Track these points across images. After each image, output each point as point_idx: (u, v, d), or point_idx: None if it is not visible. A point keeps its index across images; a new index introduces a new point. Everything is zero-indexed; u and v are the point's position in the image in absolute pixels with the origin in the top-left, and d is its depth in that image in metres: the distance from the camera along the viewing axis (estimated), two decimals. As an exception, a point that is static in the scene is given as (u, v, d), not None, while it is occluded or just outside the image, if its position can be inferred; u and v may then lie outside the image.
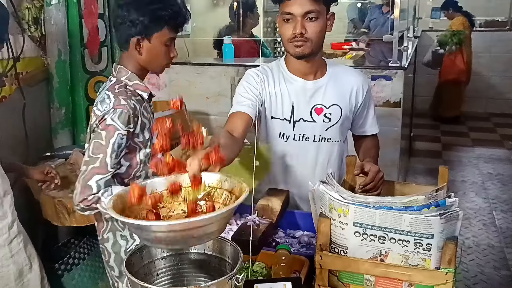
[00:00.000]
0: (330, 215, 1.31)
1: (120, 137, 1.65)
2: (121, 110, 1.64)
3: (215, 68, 3.29)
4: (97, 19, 2.98)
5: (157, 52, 1.72)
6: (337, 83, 1.86)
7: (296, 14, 1.69)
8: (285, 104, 1.85)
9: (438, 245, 1.20)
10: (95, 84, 3.03)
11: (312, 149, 1.88)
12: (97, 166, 1.63)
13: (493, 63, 7.84)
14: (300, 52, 1.74)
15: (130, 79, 1.75)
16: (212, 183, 1.27)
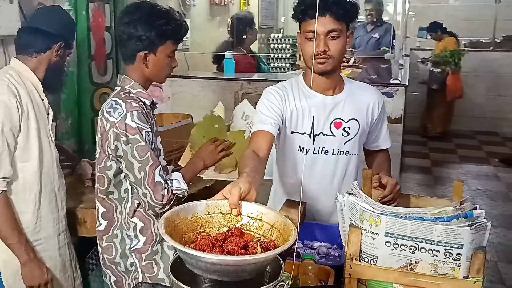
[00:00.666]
0: (361, 226, 1.35)
1: (147, 134, 1.78)
2: (137, 111, 1.76)
3: (218, 82, 3.33)
4: (104, 32, 3.02)
5: (162, 64, 1.86)
6: (355, 98, 1.92)
7: (319, 33, 1.75)
8: (305, 119, 1.90)
9: (468, 254, 1.25)
10: (100, 96, 3.05)
11: (330, 162, 1.93)
12: (151, 163, 1.76)
13: (477, 83, 8.06)
14: (323, 69, 1.80)
15: (133, 87, 1.85)
16: (251, 213, 1.30)
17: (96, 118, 2.98)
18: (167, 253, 1.96)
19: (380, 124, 2.01)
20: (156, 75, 1.89)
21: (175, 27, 1.82)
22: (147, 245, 1.92)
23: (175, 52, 1.89)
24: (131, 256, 1.93)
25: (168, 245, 1.94)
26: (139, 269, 1.93)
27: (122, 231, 1.93)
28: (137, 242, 1.92)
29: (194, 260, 1.08)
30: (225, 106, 3.31)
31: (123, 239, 1.93)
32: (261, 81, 3.27)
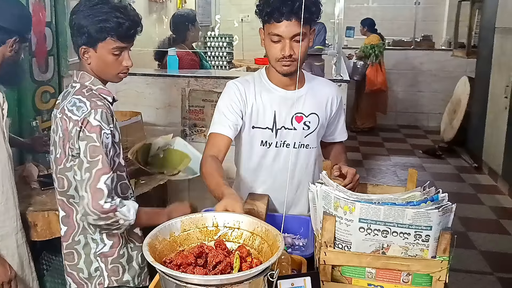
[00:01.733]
0: (335, 213, 1.42)
1: (106, 136, 1.71)
2: (101, 110, 1.70)
3: (164, 79, 3.30)
4: (44, 27, 2.89)
5: (105, 61, 1.76)
6: (315, 93, 1.99)
7: (284, 37, 1.78)
8: (267, 114, 1.94)
9: (435, 236, 1.35)
10: (42, 94, 2.92)
11: (292, 156, 1.99)
12: (100, 167, 1.67)
13: (400, 79, 8.55)
14: (287, 71, 1.85)
15: (94, 83, 1.80)
16: (228, 223, 1.32)
17: (38, 117, 2.88)
18: (131, 255, 1.93)
19: (338, 117, 2.10)
20: (101, 73, 1.80)
21: (117, 23, 1.71)
22: (114, 248, 1.88)
23: (124, 50, 1.77)
24: (96, 261, 1.87)
25: (131, 246, 1.93)
26: (105, 273, 1.88)
27: (87, 236, 1.85)
28: (103, 246, 1.86)
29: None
30: (172, 104, 3.31)
31: (87, 243, 1.86)
32: (208, 77, 3.28)
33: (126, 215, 1.70)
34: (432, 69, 8.39)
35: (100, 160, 1.67)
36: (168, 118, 3.32)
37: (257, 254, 1.23)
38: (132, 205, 1.74)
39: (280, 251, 1.12)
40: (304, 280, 1.29)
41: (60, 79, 3.12)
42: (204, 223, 1.29)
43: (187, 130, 3.34)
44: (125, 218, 1.71)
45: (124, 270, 1.91)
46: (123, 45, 1.75)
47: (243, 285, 1.06)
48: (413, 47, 8.58)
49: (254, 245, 1.25)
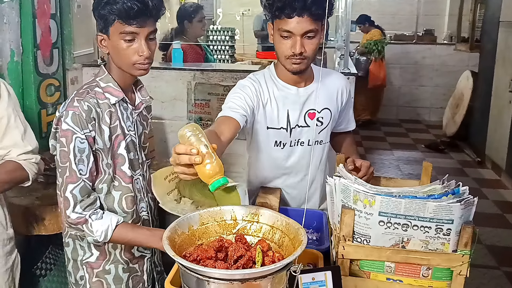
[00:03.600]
0: (354, 207, 1.39)
1: (80, 141, 1.57)
2: (73, 112, 1.56)
3: (170, 72, 3.26)
4: (49, 19, 2.85)
5: (118, 48, 1.60)
6: (325, 87, 1.94)
7: (295, 33, 1.71)
8: (280, 113, 1.89)
9: (457, 229, 1.33)
10: (47, 87, 2.89)
11: (306, 153, 1.94)
12: (68, 175, 1.57)
13: (402, 74, 8.53)
14: (297, 69, 1.79)
15: (104, 80, 1.68)
16: (246, 216, 1.29)
17: (43, 110, 2.85)
18: (120, 276, 1.77)
19: (347, 107, 2.07)
20: (117, 61, 1.64)
21: (123, 4, 1.54)
22: (99, 261, 1.74)
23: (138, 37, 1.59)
24: (82, 268, 1.76)
25: (123, 267, 1.77)
26: (88, 285, 1.76)
27: (75, 241, 1.74)
28: (90, 255, 1.74)
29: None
30: (178, 97, 3.28)
31: (75, 248, 1.75)
32: (214, 71, 3.24)
33: (93, 232, 1.58)
34: (433, 64, 8.37)
35: (68, 167, 1.56)
36: (173, 111, 3.29)
37: (277, 248, 1.21)
38: (111, 221, 1.60)
39: (304, 245, 1.09)
40: (325, 275, 1.26)
41: (64, 72, 3.09)
42: (222, 216, 1.27)
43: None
44: (91, 235, 1.59)
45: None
46: (132, 29, 1.57)
47: (267, 279, 1.03)
48: (415, 41, 8.54)
49: (274, 239, 1.23)
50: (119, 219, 1.64)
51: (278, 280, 1.07)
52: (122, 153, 1.69)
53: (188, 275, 1.04)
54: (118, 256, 1.76)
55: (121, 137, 1.68)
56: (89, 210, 1.59)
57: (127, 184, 1.71)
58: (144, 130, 1.82)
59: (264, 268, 1.04)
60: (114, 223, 1.61)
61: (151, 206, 1.85)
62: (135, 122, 1.75)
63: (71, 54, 3.11)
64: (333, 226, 1.53)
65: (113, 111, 1.66)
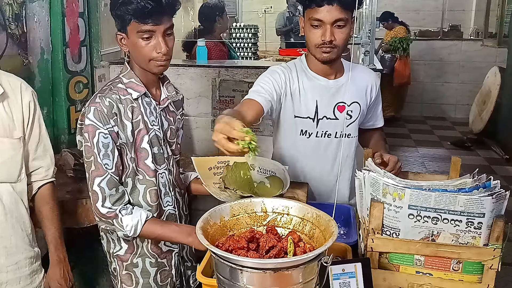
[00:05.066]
0: (384, 200, 1.39)
1: (103, 136, 1.60)
2: (94, 108, 1.59)
3: (195, 69, 3.29)
4: (77, 18, 2.91)
5: (136, 47, 1.63)
6: (355, 81, 1.95)
7: (326, 22, 1.74)
8: (309, 103, 1.90)
9: (488, 223, 1.32)
10: (75, 84, 2.95)
11: (333, 146, 1.95)
12: (93, 169, 1.61)
13: (427, 70, 8.41)
14: (328, 58, 1.81)
15: (127, 76, 1.70)
16: (277, 208, 1.30)
17: (72, 107, 2.91)
18: (148, 270, 1.80)
19: (376, 104, 2.07)
20: (136, 59, 1.68)
21: (138, 4, 1.56)
22: (128, 254, 1.78)
23: (155, 35, 1.61)
24: (114, 261, 1.81)
25: (151, 262, 1.79)
26: (119, 277, 1.81)
27: (106, 234, 1.80)
28: (120, 248, 1.78)
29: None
30: (202, 94, 3.30)
31: (108, 242, 1.80)
32: (239, 67, 3.26)
33: (123, 226, 1.62)
34: (459, 60, 8.24)
35: (93, 161, 1.60)
36: (198, 108, 3.31)
37: (308, 239, 1.21)
38: (140, 217, 1.64)
39: (335, 236, 1.10)
40: (355, 266, 1.27)
41: (92, 69, 3.15)
42: (253, 208, 1.28)
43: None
44: (121, 230, 1.63)
45: (137, 282, 1.80)
46: (149, 27, 1.59)
47: (298, 269, 1.04)
48: (440, 37, 8.42)
49: (304, 230, 1.24)
50: (149, 214, 1.67)
51: (309, 271, 1.07)
52: (146, 147, 1.70)
53: (221, 264, 1.06)
54: (145, 249, 1.78)
55: (144, 131, 1.69)
56: (119, 205, 1.63)
57: (150, 178, 1.72)
58: (171, 125, 1.81)
59: (296, 258, 1.04)
60: (143, 218, 1.64)
61: (178, 201, 1.86)
62: (160, 117, 1.75)
63: (99, 52, 3.16)
64: (362, 220, 1.53)
65: (135, 106, 1.68)
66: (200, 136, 3.35)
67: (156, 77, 1.76)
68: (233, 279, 1.05)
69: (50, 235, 1.81)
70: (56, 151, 2.85)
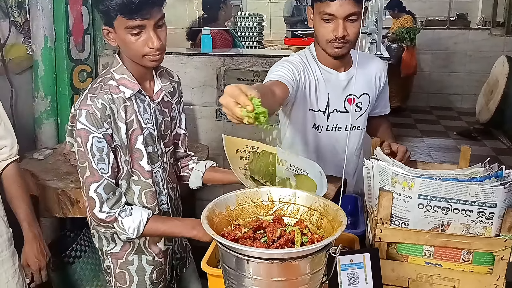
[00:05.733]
0: (393, 189, 1.36)
1: (97, 140, 1.50)
2: (86, 111, 1.48)
3: (200, 58, 3.25)
4: (81, 6, 2.87)
5: (125, 42, 1.50)
6: (363, 71, 1.91)
7: (338, 16, 1.69)
8: (321, 96, 1.86)
9: (500, 213, 1.29)
10: (79, 73, 2.92)
11: (343, 138, 1.92)
12: (88, 175, 1.52)
13: (434, 60, 8.33)
14: (339, 53, 1.77)
15: (118, 72, 1.58)
16: (283, 198, 1.27)
17: (76, 96, 2.89)
18: (144, 268, 1.75)
19: (384, 92, 2.03)
20: (128, 55, 1.56)
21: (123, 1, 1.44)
22: (123, 251, 1.73)
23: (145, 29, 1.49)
24: (107, 258, 1.75)
25: (147, 259, 1.75)
26: (113, 275, 1.75)
27: (98, 232, 1.73)
28: (114, 246, 1.73)
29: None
30: (207, 83, 3.27)
31: (100, 239, 1.74)
32: (244, 56, 3.22)
33: (125, 229, 1.55)
34: (466, 49, 8.15)
35: (88, 167, 1.51)
36: (203, 97, 3.28)
37: (315, 229, 1.19)
38: (141, 217, 1.57)
39: (344, 226, 1.07)
40: (363, 257, 1.24)
41: (96, 58, 3.12)
42: (259, 197, 1.25)
43: (222, 110, 3.30)
44: (122, 233, 1.56)
45: (131, 280, 1.75)
46: (137, 22, 1.46)
47: (306, 260, 1.02)
48: (447, 26, 8.33)
49: (312, 220, 1.21)
50: (149, 213, 1.61)
51: (317, 261, 1.05)
52: (140, 148, 1.63)
53: (227, 254, 1.03)
54: (142, 246, 1.73)
55: (138, 131, 1.61)
56: (117, 208, 1.55)
57: (146, 180, 1.66)
58: (165, 118, 1.72)
59: (303, 248, 1.02)
60: (145, 218, 1.58)
61: (171, 197, 1.80)
62: (154, 113, 1.65)
63: (103, 41, 3.13)
64: (370, 210, 1.50)
65: (128, 105, 1.58)
66: (205, 126, 3.32)
67: (147, 71, 1.64)
68: (239, 269, 1.03)
69: (22, 213, 1.79)
70: (60, 140, 2.86)
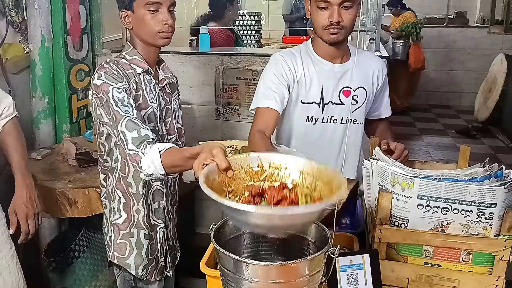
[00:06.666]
0: (392, 190, 1.36)
1: (117, 91, 1.62)
2: (104, 71, 1.65)
3: (198, 56, 3.24)
4: (78, 5, 2.86)
5: (143, 21, 1.70)
6: (361, 66, 1.92)
7: (333, 3, 1.73)
8: (314, 88, 1.88)
9: (500, 213, 1.28)
10: (77, 73, 2.91)
11: (339, 131, 1.93)
12: (114, 120, 1.59)
13: (433, 58, 8.31)
14: (335, 39, 1.79)
15: (130, 54, 1.76)
16: (274, 163, 1.24)
17: (73, 95, 2.88)
18: (142, 242, 1.85)
19: (383, 92, 2.03)
20: (143, 35, 1.72)
21: None
22: (126, 223, 1.83)
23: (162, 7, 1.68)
24: (110, 229, 1.86)
25: (145, 233, 1.84)
26: (112, 246, 1.85)
27: (110, 201, 1.85)
28: (119, 217, 1.83)
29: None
30: (206, 82, 3.26)
31: (111, 210, 1.85)
32: (242, 55, 3.20)
33: (142, 168, 1.51)
34: (465, 47, 8.14)
35: (112, 116, 1.60)
36: (201, 96, 3.27)
37: (311, 192, 1.15)
38: (152, 153, 1.49)
39: (346, 183, 1.04)
40: (363, 258, 1.23)
41: (94, 57, 3.11)
42: (249, 163, 1.21)
43: (220, 109, 3.29)
44: (142, 171, 1.52)
45: (131, 251, 1.84)
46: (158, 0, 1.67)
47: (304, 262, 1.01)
48: (445, 24, 8.32)
49: (305, 184, 1.18)
50: (161, 147, 1.50)
51: (316, 262, 1.04)
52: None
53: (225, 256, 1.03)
54: (141, 221, 1.83)
55: (142, 106, 1.74)
56: (141, 146, 1.53)
57: None
58: (167, 105, 1.86)
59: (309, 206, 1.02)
60: (157, 154, 1.48)
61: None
62: (158, 96, 1.80)
63: (100, 40, 3.12)
64: (369, 210, 1.50)
65: (138, 81, 1.73)
66: (203, 125, 3.31)
67: (156, 57, 1.82)
68: (237, 271, 1.02)
69: (15, 162, 1.84)
70: (57, 140, 2.85)
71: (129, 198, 1.81)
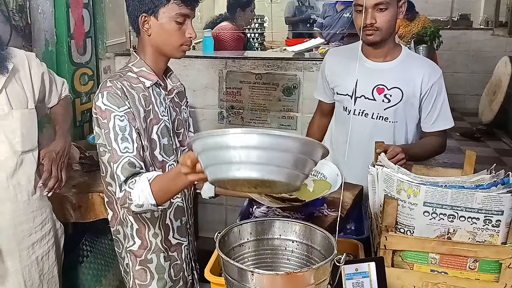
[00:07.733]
0: (398, 197, 1.34)
1: (119, 119, 1.51)
2: (107, 92, 1.52)
3: (202, 60, 3.24)
4: (82, 9, 2.86)
5: (167, 30, 1.56)
6: (406, 68, 1.97)
7: (367, 6, 1.84)
8: (349, 81, 2.01)
9: (507, 221, 1.27)
10: (80, 76, 2.91)
11: (369, 125, 2.02)
12: (109, 156, 1.53)
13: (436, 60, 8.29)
14: (371, 40, 1.91)
15: (136, 65, 1.63)
16: None
17: (76, 99, 2.87)
18: (162, 265, 1.75)
19: (432, 103, 1.98)
20: (162, 44, 1.60)
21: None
22: (141, 249, 1.73)
23: (187, 19, 1.58)
24: (127, 256, 1.75)
25: (164, 256, 1.74)
26: (132, 274, 1.75)
27: (123, 227, 1.74)
28: (133, 244, 1.73)
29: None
30: (209, 86, 3.26)
31: (126, 236, 1.74)
32: (246, 58, 3.20)
33: (132, 200, 1.44)
34: (469, 49, 8.11)
35: (111, 148, 1.51)
36: (205, 100, 3.27)
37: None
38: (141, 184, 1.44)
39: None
40: (368, 266, 1.22)
41: (97, 61, 3.11)
42: None
43: (224, 112, 3.29)
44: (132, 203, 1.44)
45: (152, 277, 1.75)
46: (187, 11, 1.56)
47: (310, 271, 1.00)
48: (449, 26, 8.29)
49: None
50: (149, 176, 1.46)
51: (322, 271, 1.04)
52: (155, 138, 1.64)
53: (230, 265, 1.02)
54: (159, 244, 1.73)
55: (154, 121, 1.63)
56: (128, 181, 1.46)
57: (157, 169, 1.64)
58: (178, 116, 1.76)
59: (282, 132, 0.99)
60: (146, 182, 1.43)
61: (185, 193, 1.81)
62: (169, 108, 1.70)
63: (104, 44, 3.12)
64: (375, 216, 1.49)
65: (147, 95, 1.61)
66: (207, 128, 3.31)
67: (165, 66, 1.70)
68: (242, 281, 1.01)
69: (59, 126, 2.05)
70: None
71: (143, 224, 1.70)
